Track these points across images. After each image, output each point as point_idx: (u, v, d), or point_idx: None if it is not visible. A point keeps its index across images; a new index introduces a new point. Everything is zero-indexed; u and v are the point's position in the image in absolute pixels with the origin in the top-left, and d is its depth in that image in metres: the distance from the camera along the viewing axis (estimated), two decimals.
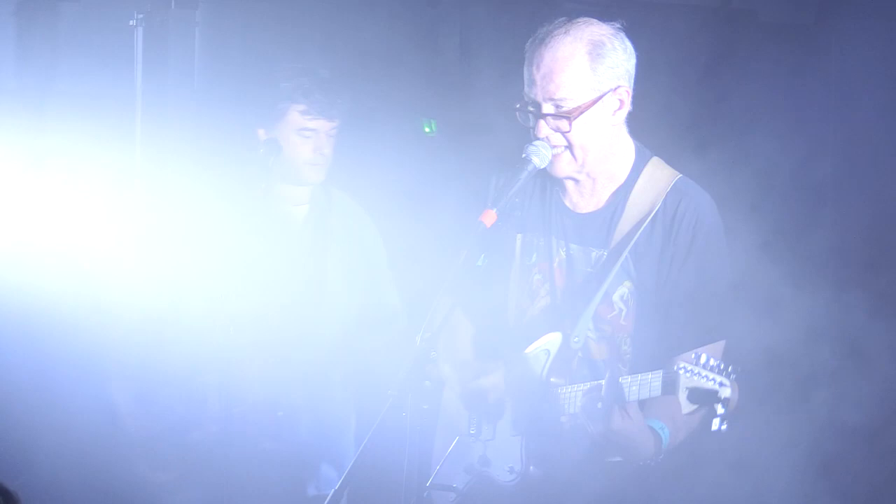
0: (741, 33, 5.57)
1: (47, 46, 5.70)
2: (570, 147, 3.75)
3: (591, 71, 3.70)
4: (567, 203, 3.90)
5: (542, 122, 3.73)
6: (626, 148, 3.86)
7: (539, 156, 3.73)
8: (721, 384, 3.39)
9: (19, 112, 5.46)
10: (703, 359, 3.43)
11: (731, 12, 5.70)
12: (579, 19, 3.78)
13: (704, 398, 3.40)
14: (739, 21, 5.67)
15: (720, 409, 3.37)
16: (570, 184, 3.86)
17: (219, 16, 5.81)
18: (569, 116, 3.70)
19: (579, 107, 3.70)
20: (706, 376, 3.40)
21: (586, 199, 3.87)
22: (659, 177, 3.83)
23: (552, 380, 3.77)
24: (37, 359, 5.25)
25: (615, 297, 3.80)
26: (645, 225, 3.76)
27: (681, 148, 3.99)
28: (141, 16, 5.50)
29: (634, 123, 3.86)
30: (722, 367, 3.41)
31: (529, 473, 3.78)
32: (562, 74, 3.69)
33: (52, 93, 5.65)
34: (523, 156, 3.74)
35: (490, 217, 3.60)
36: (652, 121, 3.93)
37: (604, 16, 3.83)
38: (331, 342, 4.81)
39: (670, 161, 3.90)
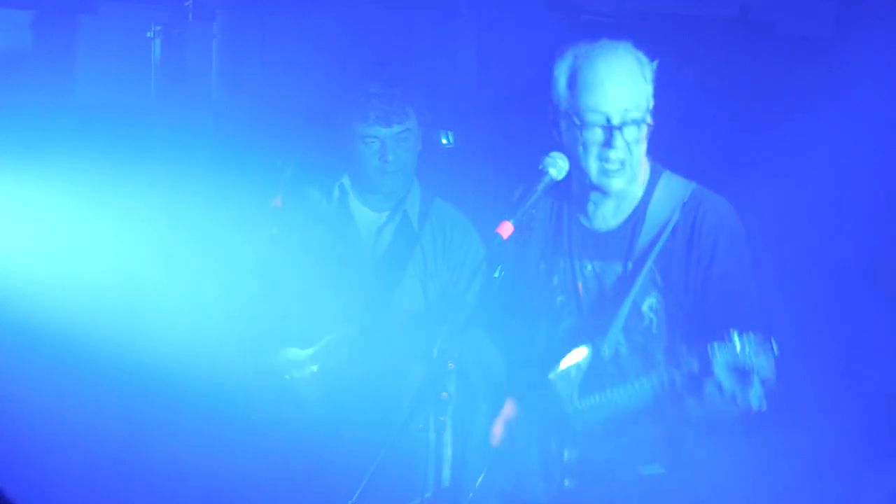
0: (759, 45, 5.56)
1: (65, 58, 5.73)
2: (629, 160, 3.74)
3: (645, 83, 3.75)
4: (585, 223, 3.88)
5: (616, 133, 3.70)
6: (645, 166, 3.87)
7: (556, 167, 3.73)
8: (759, 364, 3.37)
9: (37, 123, 5.48)
10: (737, 342, 3.41)
11: (749, 24, 5.69)
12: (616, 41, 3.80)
13: (742, 377, 3.39)
14: (757, 32, 5.66)
15: (758, 388, 3.37)
16: (590, 205, 3.85)
17: (236, 28, 5.83)
18: (639, 124, 3.72)
19: (644, 117, 3.73)
20: (741, 354, 3.40)
21: (608, 218, 3.86)
22: (675, 186, 3.84)
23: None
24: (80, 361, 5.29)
25: (644, 308, 3.79)
26: (666, 234, 3.77)
27: (698, 159, 3.99)
28: (158, 28, 5.53)
29: (652, 135, 3.86)
30: (758, 339, 3.40)
31: (564, 488, 3.77)
32: (632, 85, 3.72)
33: (70, 104, 5.68)
34: (540, 168, 3.73)
35: (507, 229, 3.59)
36: (669, 132, 3.92)
37: (621, 28, 3.83)
38: (402, 346, 4.69)
39: (688, 172, 3.90)
